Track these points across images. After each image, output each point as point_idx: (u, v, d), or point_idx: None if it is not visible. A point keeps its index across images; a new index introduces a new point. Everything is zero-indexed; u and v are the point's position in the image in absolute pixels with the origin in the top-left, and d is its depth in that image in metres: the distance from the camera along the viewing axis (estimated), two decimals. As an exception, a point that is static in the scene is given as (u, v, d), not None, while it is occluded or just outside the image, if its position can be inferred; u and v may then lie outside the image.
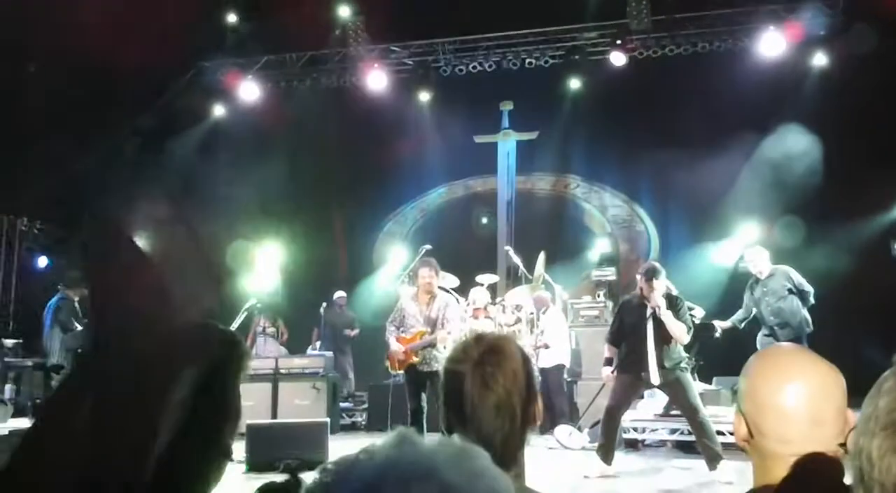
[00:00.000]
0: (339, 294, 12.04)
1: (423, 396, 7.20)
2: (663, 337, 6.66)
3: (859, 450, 0.76)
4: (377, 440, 0.73)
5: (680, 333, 6.65)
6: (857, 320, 9.72)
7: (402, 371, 7.50)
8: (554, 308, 10.05)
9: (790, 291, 8.28)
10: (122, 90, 11.55)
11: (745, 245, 9.99)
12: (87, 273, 1.06)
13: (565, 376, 9.68)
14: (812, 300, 8.35)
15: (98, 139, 11.85)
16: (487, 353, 1.72)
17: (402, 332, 7.45)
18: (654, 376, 6.66)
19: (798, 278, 8.34)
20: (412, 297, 7.70)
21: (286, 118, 13.27)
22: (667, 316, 6.63)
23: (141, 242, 1.05)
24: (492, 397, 1.66)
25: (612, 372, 6.93)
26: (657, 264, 7.19)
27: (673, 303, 6.80)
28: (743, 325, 8.75)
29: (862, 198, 10.52)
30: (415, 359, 7.28)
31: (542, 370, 9.53)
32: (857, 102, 10.60)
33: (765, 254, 8.58)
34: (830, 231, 10.52)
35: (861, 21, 10.48)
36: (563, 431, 8.63)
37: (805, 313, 8.34)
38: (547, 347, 9.60)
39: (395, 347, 7.42)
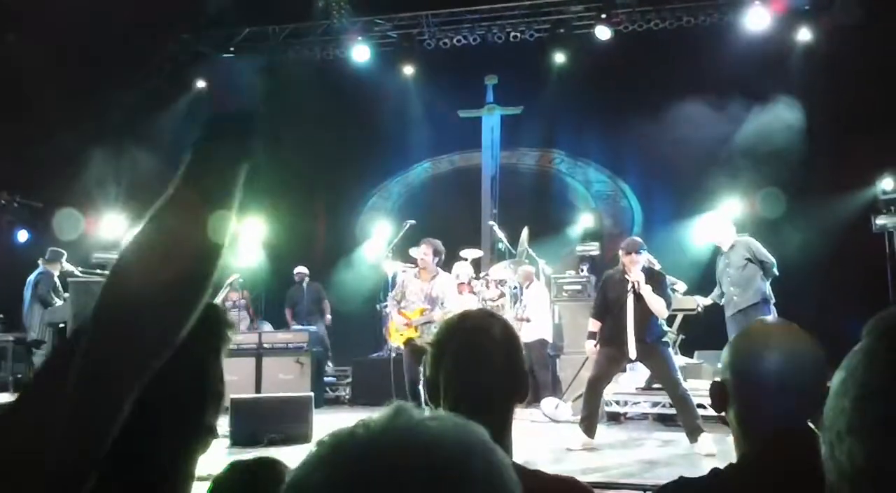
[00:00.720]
0: (299, 269, 11.99)
1: (420, 369, 7.35)
2: (644, 312, 6.71)
3: (827, 427, 0.77)
4: (363, 414, 0.72)
5: (659, 308, 6.70)
6: (837, 295, 9.81)
7: (402, 344, 7.83)
8: (537, 283, 10.08)
9: (749, 260, 8.23)
10: (103, 63, 11.40)
11: (713, 218, 9.99)
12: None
13: (548, 350, 9.74)
14: (775, 272, 8.24)
15: (80, 111, 11.71)
16: (466, 338, 1.71)
17: (404, 307, 7.75)
18: (633, 351, 6.74)
19: (758, 249, 8.25)
20: (415, 274, 8.01)
21: (268, 91, 13.13)
22: (646, 291, 6.68)
23: None
24: (466, 385, 1.65)
25: (596, 346, 6.98)
26: (638, 239, 7.23)
27: (654, 278, 6.86)
28: (722, 300, 8.79)
29: (845, 172, 10.58)
30: (413, 334, 7.59)
31: (525, 345, 9.56)
32: (841, 77, 10.63)
33: (727, 226, 8.53)
34: (813, 205, 10.58)
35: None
36: (549, 403, 8.69)
37: (764, 284, 8.25)
38: (528, 320, 9.64)
39: (398, 320, 7.77)
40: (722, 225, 8.56)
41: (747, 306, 8.04)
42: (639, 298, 6.74)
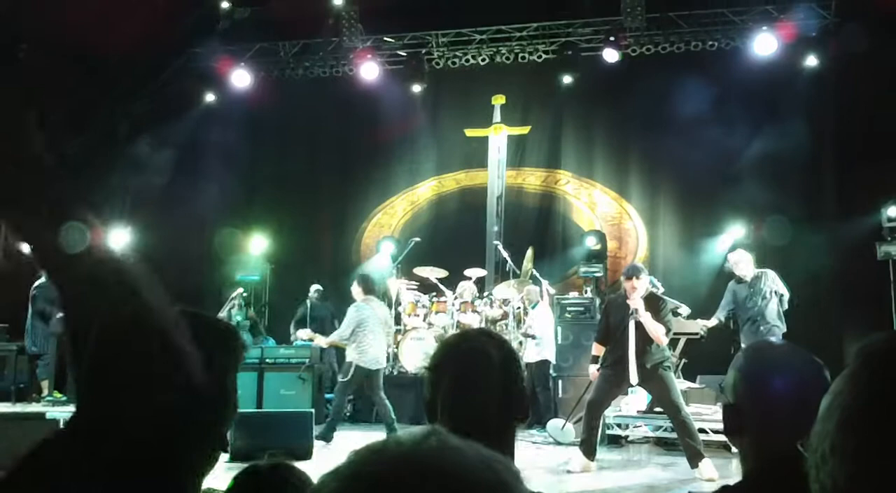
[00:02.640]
0: (315, 287, 11.90)
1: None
2: (646, 336, 6.72)
3: (813, 449, 0.79)
4: (364, 431, 0.72)
5: (658, 334, 6.70)
6: (841, 321, 9.80)
7: None
8: (543, 303, 10.07)
9: (774, 293, 8.42)
10: (114, 74, 11.49)
11: (730, 247, 10.07)
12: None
13: (551, 371, 9.72)
14: (786, 305, 8.50)
15: (88, 123, 11.79)
16: (464, 361, 1.68)
17: None
18: (634, 375, 6.73)
19: (780, 283, 8.51)
20: None
21: (277, 106, 13.23)
22: (645, 318, 6.68)
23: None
24: (463, 409, 1.64)
25: (598, 370, 6.97)
26: (639, 264, 7.30)
27: (654, 303, 6.86)
28: (726, 320, 8.84)
29: (850, 198, 10.59)
30: None
31: (527, 365, 9.56)
32: (847, 103, 10.67)
33: (748, 257, 8.67)
34: (818, 231, 10.58)
35: (853, 22, 10.53)
36: (555, 424, 8.65)
37: (782, 317, 8.49)
38: (534, 337, 9.62)
39: None
40: (743, 256, 8.69)
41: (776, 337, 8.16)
42: (640, 323, 6.75)
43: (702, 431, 6.84)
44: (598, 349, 7.10)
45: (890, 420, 0.73)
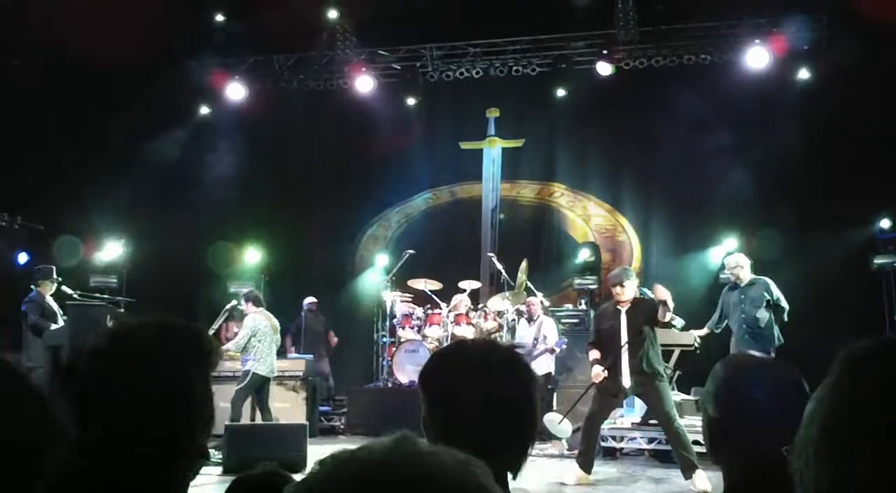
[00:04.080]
0: (310, 300, 11.88)
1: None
2: (638, 342, 6.73)
3: (798, 452, 0.82)
4: (357, 444, 0.72)
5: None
6: (834, 333, 9.79)
7: None
8: (546, 316, 10.03)
9: (767, 302, 8.35)
10: (107, 87, 11.48)
11: (726, 253, 10.08)
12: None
13: (548, 384, 9.69)
14: (785, 318, 8.41)
15: (81, 135, 11.78)
16: (482, 375, 1.51)
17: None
18: (627, 380, 6.74)
19: (777, 292, 8.40)
20: None
21: (272, 119, 13.24)
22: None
23: None
24: (475, 426, 1.49)
25: (603, 371, 6.87)
26: (617, 270, 7.26)
27: (647, 304, 6.91)
28: (719, 329, 8.81)
29: (843, 211, 10.63)
30: None
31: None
32: (839, 116, 10.71)
33: (747, 261, 8.65)
34: (811, 243, 10.61)
35: (845, 36, 10.60)
36: (551, 418, 8.58)
37: (776, 328, 8.38)
38: (553, 351, 9.56)
39: None
40: (742, 260, 8.65)
41: (762, 351, 8.03)
42: (632, 329, 6.77)
43: (696, 442, 6.84)
44: (596, 353, 7.04)
45: (871, 425, 0.75)
